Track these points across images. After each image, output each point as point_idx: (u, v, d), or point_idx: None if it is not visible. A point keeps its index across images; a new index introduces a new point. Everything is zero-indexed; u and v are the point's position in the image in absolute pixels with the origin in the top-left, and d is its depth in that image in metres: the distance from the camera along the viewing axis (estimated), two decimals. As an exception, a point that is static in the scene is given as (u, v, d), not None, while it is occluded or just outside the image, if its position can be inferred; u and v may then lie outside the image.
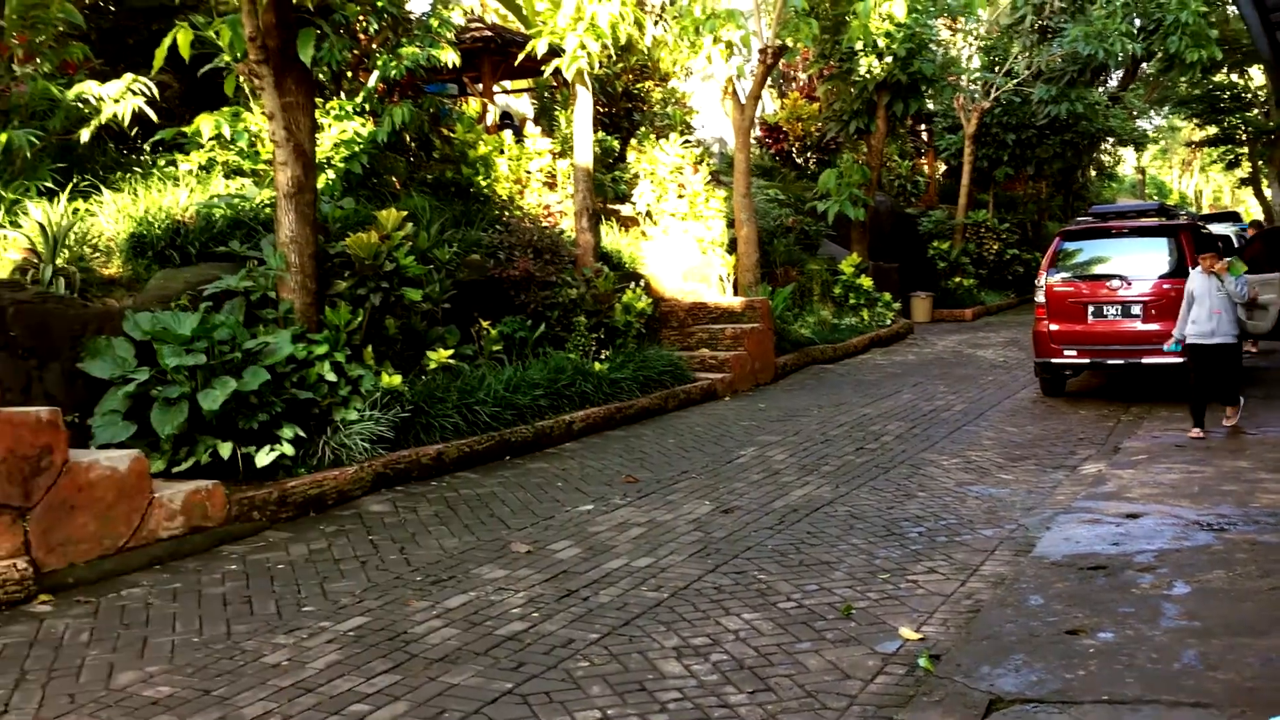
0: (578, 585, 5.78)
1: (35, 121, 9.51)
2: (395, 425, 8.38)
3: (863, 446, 9.43)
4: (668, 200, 16.18)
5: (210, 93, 11.99)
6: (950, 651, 4.61)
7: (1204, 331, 9.41)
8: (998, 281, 24.00)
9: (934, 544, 6.41)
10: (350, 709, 4.25)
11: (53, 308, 7.34)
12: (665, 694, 4.35)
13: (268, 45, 8.24)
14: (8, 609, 5.49)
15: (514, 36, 16.49)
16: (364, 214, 10.22)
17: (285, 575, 6.07)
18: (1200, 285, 9.51)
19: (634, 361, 11.70)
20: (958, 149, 24.40)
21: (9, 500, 5.71)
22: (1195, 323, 9.47)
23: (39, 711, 4.28)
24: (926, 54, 19.72)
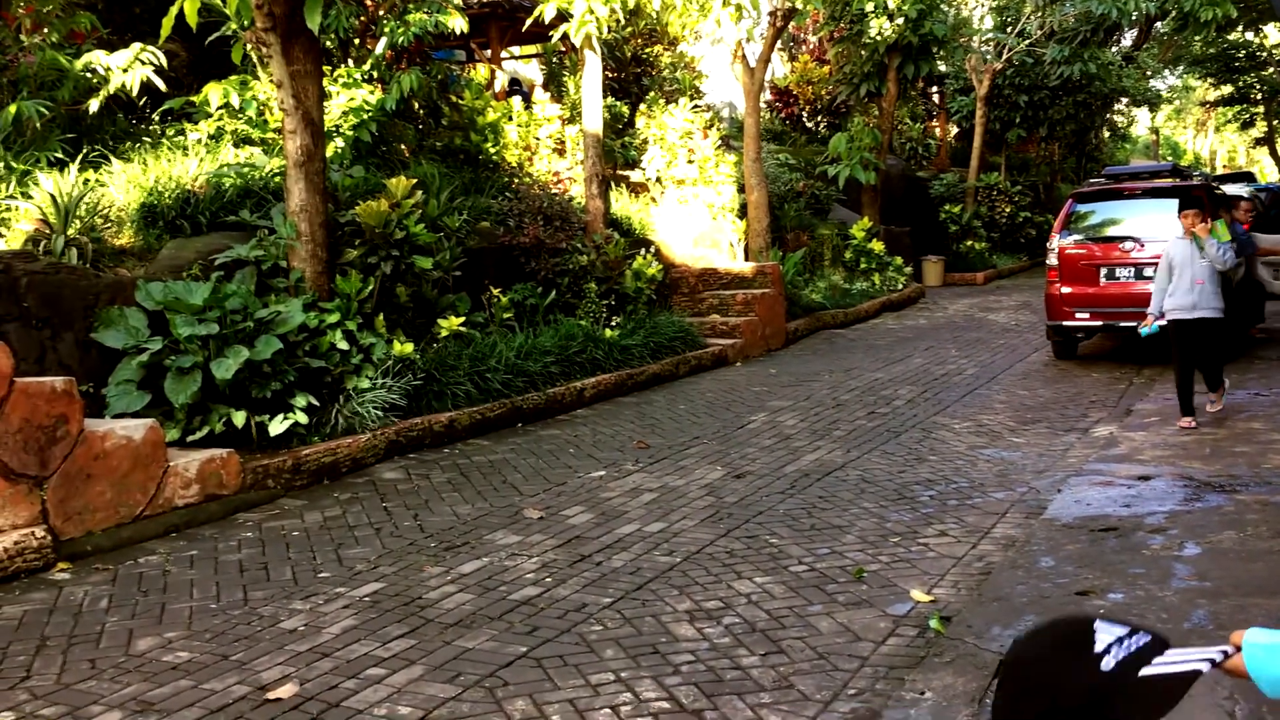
0: (590, 550, 5.81)
1: (44, 92, 9.52)
2: (407, 393, 8.41)
3: (874, 411, 9.43)
4: (678, 166, 16.12)
5: (218, 61, 11.96)
6: (961, 613, 4.64)
7: (1184, 305, 8.35)
8: (1010, 245, 23.88)
9: (945, 507, 6.43)
10: (367, 673, 4.30)
11: (65, 278, 7.36)
12: (678, 657, 4.38)
13: (275, 13, 8.21)
14: (27, 577, 5.55)
15: (521, 2, 16.38)
16: (373, 182, 10.21)
17: (300, 542, 6.13)
18: (1180, 252, 8.48)
19: (645, 328, 11.71)
20: (969, 111, 24.23)
21: (26, 469, 5.76)
22: (1174, 295, 8.42)
23: (60, 677, 4.34)
24: (938, 15, 19.54)
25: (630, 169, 16.56)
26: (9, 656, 4.54)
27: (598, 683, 4.16)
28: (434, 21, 12.08)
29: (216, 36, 11.28)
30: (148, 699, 4.11)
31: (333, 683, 4.22)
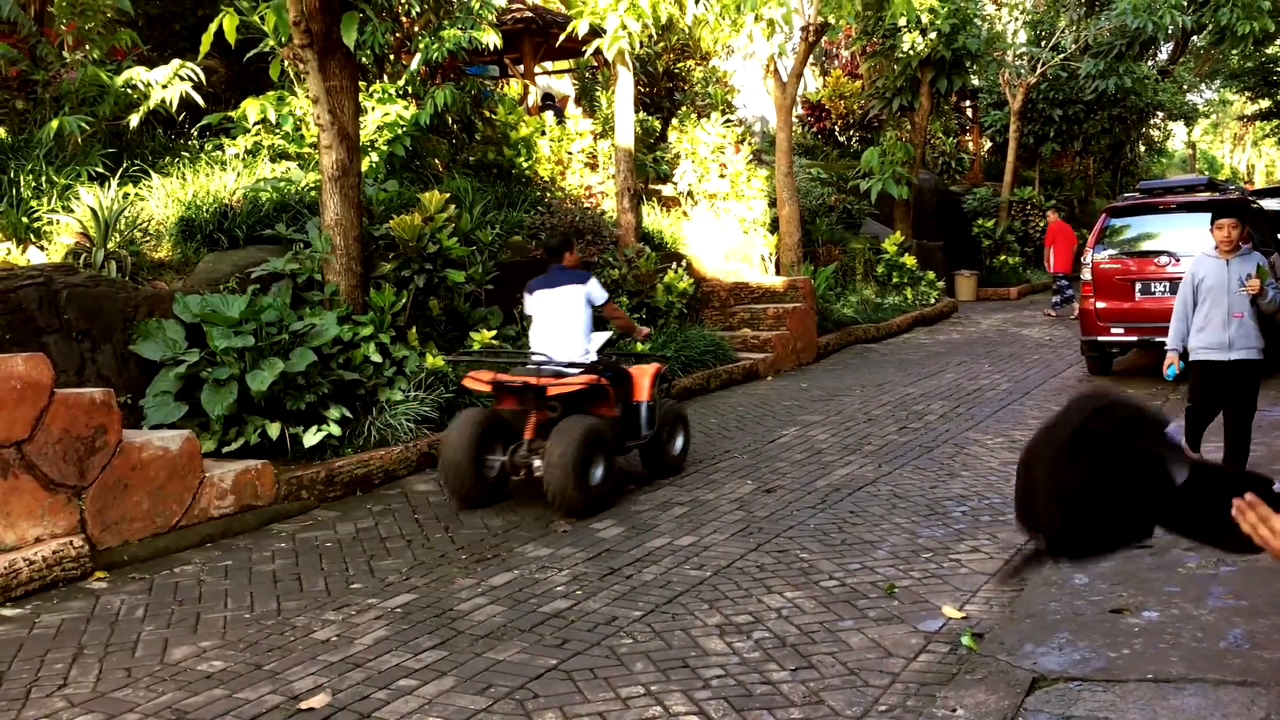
0: (621, 563, 5.82)
1: (85, 108, 9.67)
2: (440, 405, 8.46)
3: (906, 426, 9.39)
4: (709, 180, 16.15)
5: (256, 77, 12.13)
6: (993, 630, 4.61)
7: (1216, 343, 6.65)
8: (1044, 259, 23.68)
9: (978, 523, 6.39)
10: (398, 683, 4.33)
11: (105, 291, 7.47)
12: (708, 671, 4.38)
13: (312, 29, 8.31)
14: (65, 585, 5.63)
15: (555, 17, 16.50)
16: (407, 196, 10.30)
17: (333, 553, 6.17)
18: (1212, 275, 6.74)
19: (676, 341, 11.72)
20: (1003, 125, 24.12)
21: (65, 479, 5.85)
22: (1204, 330, 6.74)
23: (97, 685, 4.39)
24: (971, 29, 19.48)
25: (662, 183, 16.60)
26: (47, 664, 4.61)
27: (627, 696, 4.17)
28: (468, 37, 12.18)
29: (255, 53, 11.44)
30: (182, 708, 4.16)
31: (365, 693, 4.25)
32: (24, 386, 5.69)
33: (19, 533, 5.64)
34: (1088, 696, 3.90)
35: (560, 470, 6.56)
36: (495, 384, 7.19)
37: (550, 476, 6.61)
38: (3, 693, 4.32)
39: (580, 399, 7.17)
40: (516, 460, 7.08)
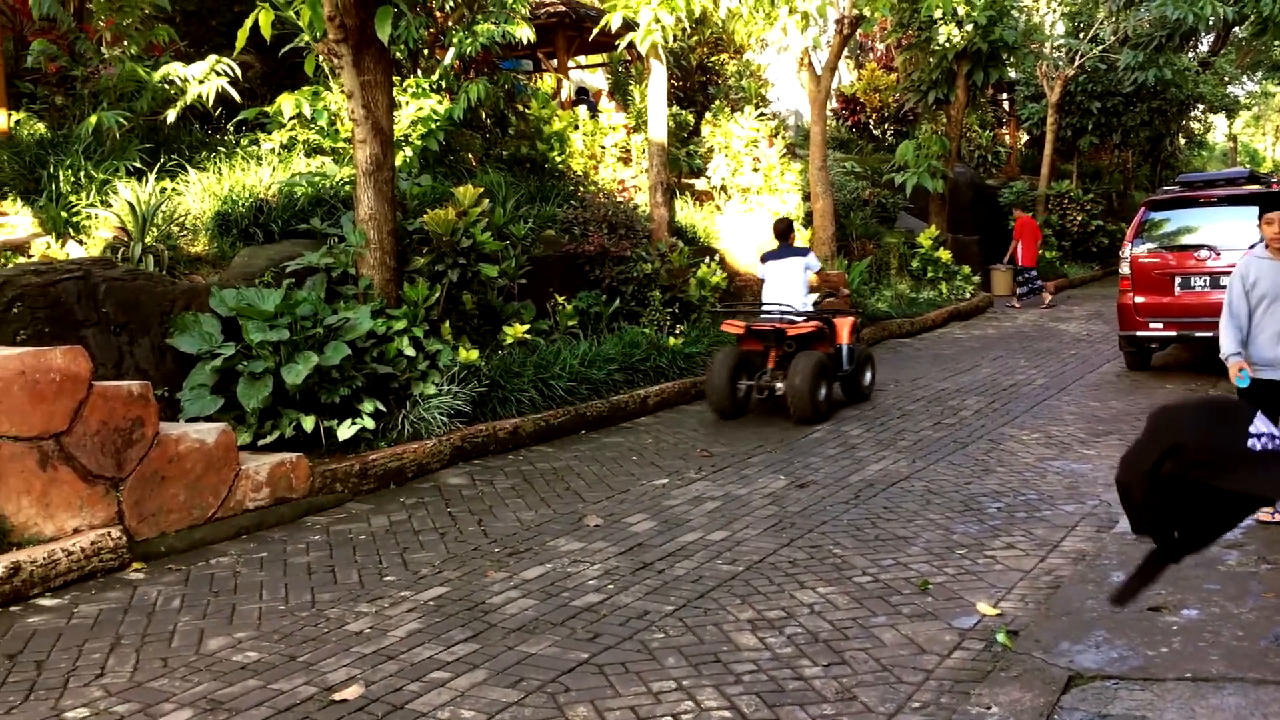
0: (653, 558, 5.82)
1: (123, 103, 9.76)
2: (472, 399, 8.49)
3: (940, 421, 9.32)
4: (742, 174, 16.09)
5: (291, 72, 12.20)
6: (1029, 627, 4.56)
7: (1266, 359, 5.91)
8: (1081, 254, 23.49)
9: (1013, 519, 6.34)
10: (431, 676, 4.34)
11: (142, 284, 7.54)
12: (740, 666, 4.37)
13: (346, 24, 8.34)
14: (103, 576, 5.69)
15: (588, 11, 16.49)
16: (441, 191, 10.33)
17: (367, 546, 6.20)
18: (1267, 278, 5.90)
19: (709, 336, 11.69)
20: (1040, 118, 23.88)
21: (103, 471, 5.91)
22: (1255, 341, 5.95)
23: (134, 675, 4.43)
24: (1008, 21, 19.28)
25: (695, 177, 16.56)
26: (85, 654, 4.66)
27: (659, 690, 4.16)
28: (501, 32, 12.21)
29: (290, 48, 11.51)
30: (217, 698, 4.19)
31: (397, 685, 4.26)
32: (63, 379, 5.75)
33: (58, 524, 5.71)
34: (1125, 695, 3.85)
35: (800, 389, 9.15)
36: (747, 329, 9.79)
37: (792, 394, 9.20)
38: (42, 681, 4.37)
39: (808, 339, 9.76)
40: (762, 383, 9.67)
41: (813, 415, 9.21)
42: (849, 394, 10.31)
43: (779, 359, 9.74)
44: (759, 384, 9.68)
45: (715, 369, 9.57)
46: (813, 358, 9.32)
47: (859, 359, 10.28)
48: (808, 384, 9.13)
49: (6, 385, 5.53)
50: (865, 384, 10.43)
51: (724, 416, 9.63)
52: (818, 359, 9.34)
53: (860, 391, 10.36)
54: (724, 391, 9.48)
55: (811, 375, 9.17)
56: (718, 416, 9.66)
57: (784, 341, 9.71)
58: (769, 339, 9.76)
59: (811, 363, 9.26)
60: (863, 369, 10.39)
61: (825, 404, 9.44)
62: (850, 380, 10.23)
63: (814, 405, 9.21)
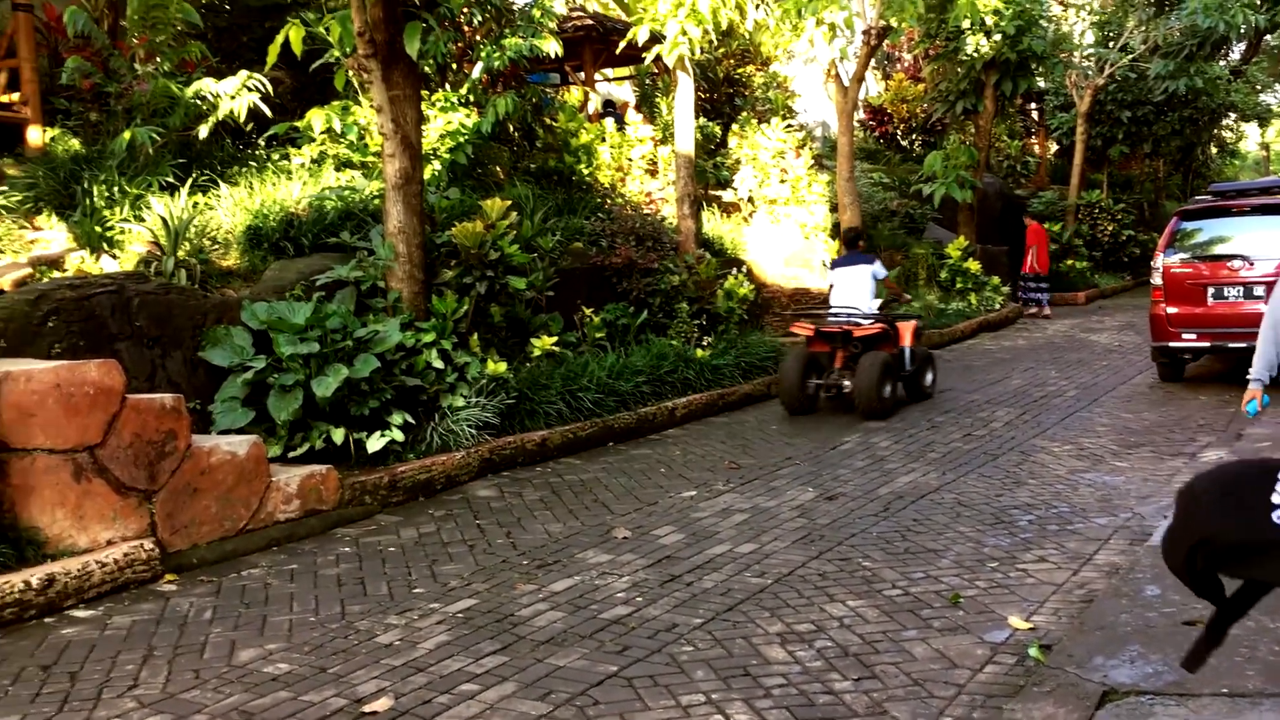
0: (681, 570, 5.80)
1: (156, 119, 9.88)
2: (500, 411, 8.50)
3: (970, 433, 9.26)
4: (769, 185, 16.08)
5: (321, 87, 12.32)
6: (1062, 642, 4.51)
7: None
8: (1112, 264, 23.30)
9: (1045, 532, 6.28)
10: (460, 688, 4.34)
11: (175, 298, 7.62)
12: (770, 679, 4.35)
13: (376, 39, 8.41)
14: (136, 588, 5.73)
15: (615, 24, 16.54)
16: (469, 204, 10.38)
17: (396, 558, 6.23)
18: None
19: (736, 348, 11.67)
20: (1070, 128, 23.75)
21: (136, 483, 5.96)
22: None
23: (166, 686, 4.46)
24: (1037, 30, 19.21)
25: (722, 189, 16.57)
26: (118, 665, 4.69)
27: (688, 704, 4.15)
28: (529, 45, 12.27)
29: (320, 63, 11.62)
30: (249, 709, 4.21)
31: (427, 697, 4.27)
32: (97, 392, 5.81)
33: (91, 535, 5.76)
34: (1160, 711, 3.80)
35: (867, 387, 9.80)
36: (816, 330, 10.46)
37: (859, 391, 9.87)
38: (76, 693, 4.41)
39: (873, 340, 10.37)
40: (830, 382, 10.38)
41: (878, 412, 9.86)
42: (911, 394, 10.82)
43: (846, 359, 10.43)
44: (827, 382, 10.42)
45: (786, 369, 10.34)
46: (878, 358, 9.98)
47: (920, 360, 10.88)
48: (874, 382, 9.79)
49: (42, 398, 5.60)
50: (927, 384, 11.02)
51: (793, 413, 10.32)
52: (883, 359, 9.99)
53: (922, 391, 10.93)
54: (794, 389, 10.22)
55: (877, 374, 9.83)
56: (788, 412, 10.36)
57: (850, 342, 10.40)
58: (836, 340, 10.45)
59: (877, 362, 9.92)
60: (924, 370, 10.97)
61: (890, 401, 10.09)
62: (912, 380, 10.77)
63: (880, 402, 9.85)
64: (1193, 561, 1.82)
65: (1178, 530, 1.85)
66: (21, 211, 8.71)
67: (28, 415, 5.57)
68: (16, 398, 5.55)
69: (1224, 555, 1.76)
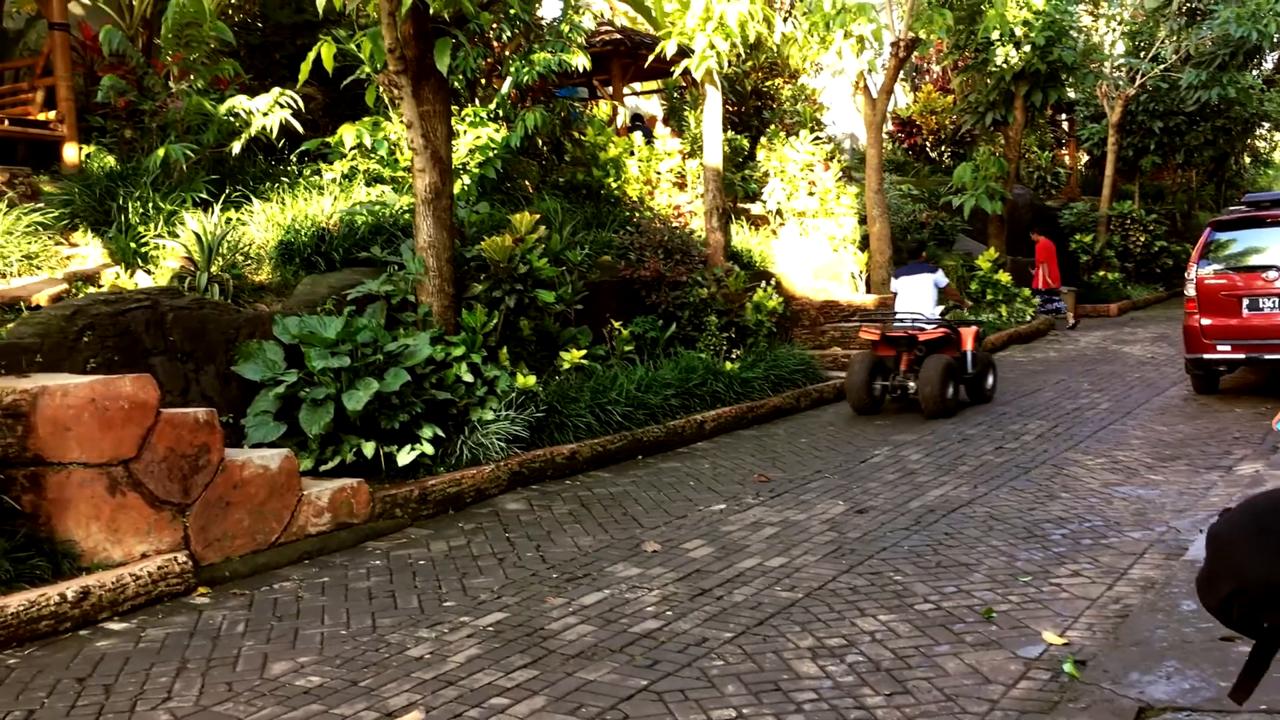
0: (711, 584, 5.79)
1: (190, 136, 10.00)
2: (530, 425, 8.52)
3: (1002, 446, 9.20)
4: (798, 198, 16.06)
5: (352, 103, 12.43)
6: (1097, 657, 4.47)
7: None
8: (1145, 275, 23.10)
9: (1078, 546, 6.22)
10: (490, 702, 4.35)
11: (208, 313, 7.69)
12: (800, 694, 4.32)
13: (406, 56, 8.47)
14: (169, 601, 5.78)
15: (643, 38, 16.60)
16: (498, 218, 10.43)
17: (426, 571, 6.24)
18: None
19: (765, 360, 11.66)
20: (1101, 138, 23.59)
21: (170, 497, 6.02)
22: None
23: (199, 699, 4.49)
24: (1067, 41, 19.11)
25: (750, 202, 16.57)
26: (152, 678, 4.73)
27: (719, 718, 4.13)
28: (558, 60, 12.33)
29: (351, 80, 11.73)
30: (281, 722, 4.23)
31: (457, 711, 4.27)
32: (131, 406, 5.87)
33: (126, 549, 5.81)
34: (1198, 728, 3.75)
35: (931, 388, 10.40)
36: (882, 335, 11.05)
37: (924, 392, 10.46)
38: (110, 705, 4.44)
39: (937, 344, 11.01)
40: (895, 383, 10.96)
41: (942, 412, 10.44)
42: (973, 396, 11.35)
43: (910, 362, 11.00)
44: (892, 384, 11.00)
45: (854, 371, 10.92)
46: (941, 361, 10.56)
47: (982, 364, 11.37)
48: (937, 384, 10.38)
49: (77, 413, 5.66)
50: (988, 386, 11.48)
51: (860, 413, 10.96)
52: (946, 362, 10.57)
53: (983, 393, 11.39)
54: (861, 391, 10.83)
55: (940, 376, 10.42)
56: (855, 412, 11.01)
57: (915, 346, 10.97)
58: (901, 344, 11.01)
59: (940, 365, 10.49)
60: (985, 373, 11.46)
61: (953, 402, 10.72)
62: (974, 383, 11.27)
63: (943, 403, 10.43)
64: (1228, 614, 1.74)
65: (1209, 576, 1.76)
66: (58, 228, 8.83)
67: (64, 429, 5.63)
68: (53, 412, 5.62)
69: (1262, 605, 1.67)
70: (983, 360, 11.42)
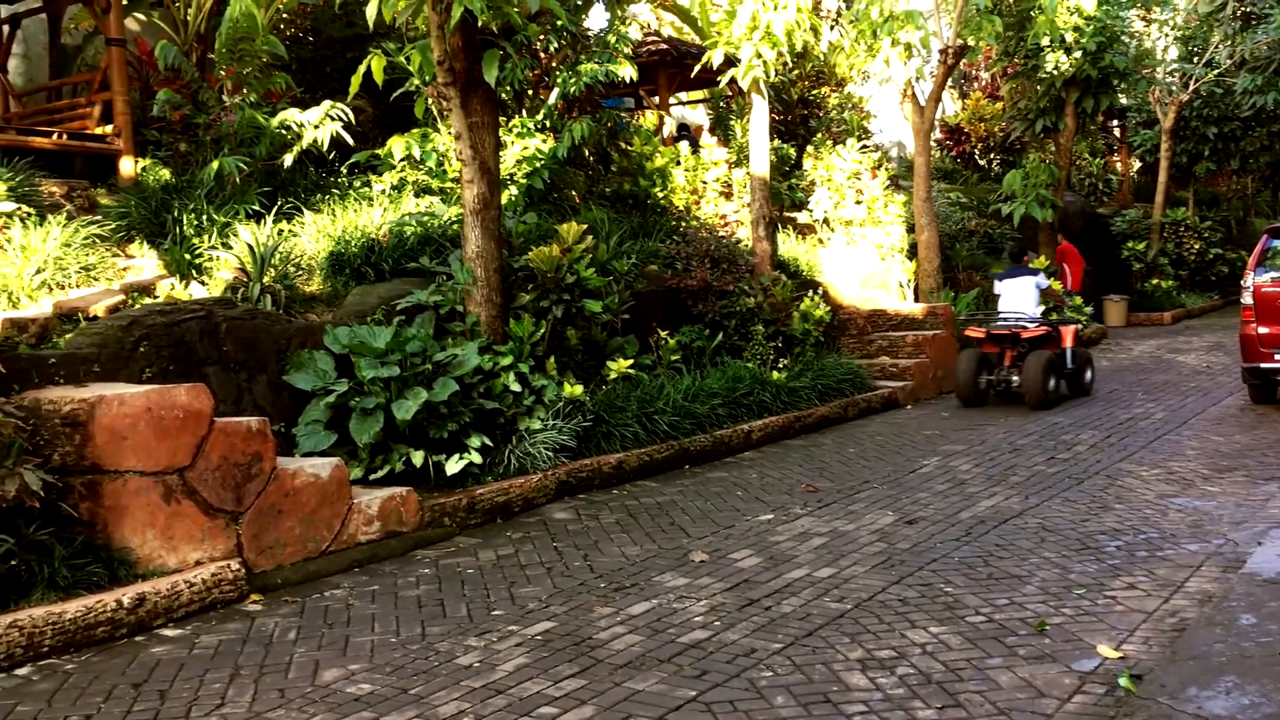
0: (759, 594, 5.76)
1: (243, 149, 10.14)
2: (577, 434, 8.54)
3: (1054, 456, 9.08)
4: (845, 206, 15.98)
5: (401, 115, 12.54)
6: (1153, 671, 4.39)
7: None
8: (1199, 283, 22.74)
9: (1133, 558, 6.12)
10: (539, 711, 4.35)
11: (260, 323, 7.79)
12: (850, 707, 4.29)
13: (455, 68, 8.54)
14: (222, 607, 5.85)
15: (689, 48, 16.61)
16: (545, 228, 10.47)
17: (475, 580, 6.27)
18: None
19: (812, 370, 11.60)
20: (1153, 145, 23.26)
21: (223, 505, 6.09)
22: None
23: (252, 705, 4.54)
24: (1118, 47, 18.86)
25: (797, 210, 16.50)
26: (205, 684, 4.79)
27: (768, 730, 4.11)
28: (604, 71, 12.36)
29: (400, 92, 11.85)
30: (332, 728, 4.26)
31: (506, 720, 4.29)
32: (186, 415, 5.96)
33: (180, 556, 5.90)
34: (1259, 745, 3.67)
35: (1035, 382, 11.32)
36: (988, 334, 12.01)
37: (1028, 385, 11.40)
38: (165, 711, 4.51)
39: (1038, 342, 11.88)
40: (999, 378, 11.94)
41: (1044, 401, 11.32)
42: (1073, 389, 12.23)
43: (1014, 358, 11.92)
44: (997, 378, 11.94)
45: (961, 366, 11.97)
46: (1043, 356, 11.46)
47: (1080, 360, 12.25)
48: (1040, 377, 11.28)
49: (133, 422, 5.75)
50: (1086, 381, 12.37)
51: (967, 404, 11.95)
52: (1048, 357, 11.46)
53: (1082, 386, 12.30)
54: (969, 384, 11.85)
55: (1043, 370, 11.32)
56: (962, 404, 12.01)
57: (1019, 343, 11.88)
58: (1006, 341, 11.95)
59: (1043, 360, 11.39)
60: (1083, 368, 12.32)
61: (1055, 394, 11.58)
62: (1074, 377, 12.14)
63: (1045, 395, 11.32)
64: None
65: None
66: (115, 240, 8.99)
67: (120, 438, 5.73)
68: (109, 421, 5.71)
69: None
70: (1081, 356, 12.28)
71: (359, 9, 9.94)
